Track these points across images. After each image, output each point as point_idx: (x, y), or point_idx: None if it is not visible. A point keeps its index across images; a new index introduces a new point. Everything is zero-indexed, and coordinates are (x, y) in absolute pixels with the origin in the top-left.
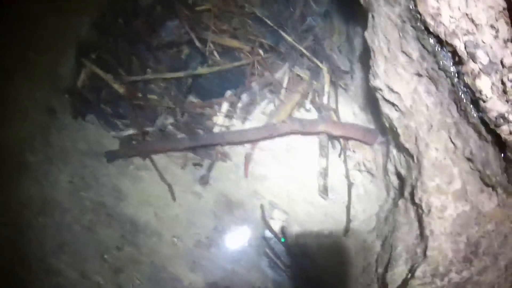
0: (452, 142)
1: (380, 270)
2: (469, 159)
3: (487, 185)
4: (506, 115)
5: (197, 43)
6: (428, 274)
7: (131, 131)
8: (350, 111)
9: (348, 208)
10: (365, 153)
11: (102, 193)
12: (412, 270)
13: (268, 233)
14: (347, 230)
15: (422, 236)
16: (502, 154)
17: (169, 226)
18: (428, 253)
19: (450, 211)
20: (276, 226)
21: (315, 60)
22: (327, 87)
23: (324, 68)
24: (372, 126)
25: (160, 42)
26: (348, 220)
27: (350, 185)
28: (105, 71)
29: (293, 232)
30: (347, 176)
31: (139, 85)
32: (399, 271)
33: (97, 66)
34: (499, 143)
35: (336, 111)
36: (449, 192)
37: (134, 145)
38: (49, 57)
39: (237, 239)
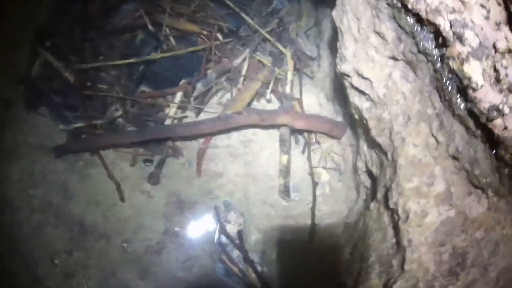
0: (434, 137)
1: (349, 282)
2: (454, 157)
3: (476, 186)
4: (500, 106)
5: (150, 27)
6: None
7: (79, 124)
8: (316, 101)
9: (312, 211)
10: (332, 148)
11: (50, 192)
12: (388, 287)
13: (223, 238)
14: (312, 235)
15: (399, 246)
16: (494, 152)
17: (118, 229)
18: (406, 266)
19: (431, 218)
20: (233, 230)
21: (278, 45)
22: (290, 75)
23: (288, 53)
24: (339, 118)
25: (113, 27)
26: (313, 224)
27: (315, 185)
28: (59, 59)
29: (251, 237)
30: (312, 175)
31: (89, 74)
32: (372, 285)
33: (51, 54)
34: (490, 139)
35: (300, 101)
36: (430, 196)
37: (81, 139)
38: (5, 46)
39: (190, 244)
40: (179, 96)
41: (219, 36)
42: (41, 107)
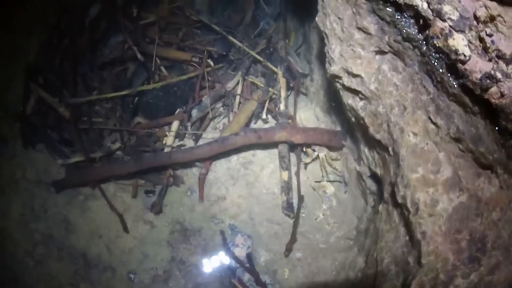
0: (433, 122)
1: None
2: (456, 139)
3: (484, 166)
4: (492, 73)
5: (140, 57)
6: (428, 286)
7: (77, 158)
8: (312, 116)
9: (295, 223)
10: (334, 161)
11: (51, 226)
12: (406, 285)
13: (232, 262)
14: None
15: (413, 241)
16: (496, 127)
17: (123, 260)
18: (423, 260)
19: (443, 205)
20: (241, 253)
21: (269, 65)
22: (283, 93)
23: (279, 72)
24: (338, 128)
25: (103, 60)
26: (294, 237)
27: (300, 198)
28: (52, 94)
29: (260, 258)
30: (298, 188)
31: (83, 108)
32: (389, 287)
33: (44, 90)
34: (490, 112)
35: (293, 118)
36: (438, 183)
37: (80, 172)
38: (0, 83)
39: (198, 271)
40: (175, 124)
41: (210, 62)
42: (38, 143)
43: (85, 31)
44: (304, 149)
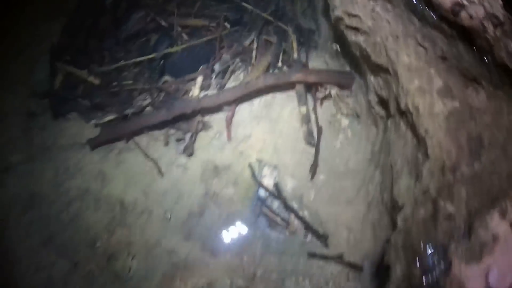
0: (421, 46)
1: (385, 195)
2: (443, 58)
3: (470, 79)
4: (460, 1)
5: (164, 24)
6: (436, 173)
7: (111, 117)
8: (323, 63)
9: (317, 148)
10: (346, 97)
11: (87, 180)
12: (418, 176)
13: (261, 192)
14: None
15: (419, 140)
16: (473, 46)
17: (159, 201)
18: (430, 151)
19: (439, 108)
20: (269, 183)
21: (280, 24)
22: (295, 45)
23: (290, 29)
24: (346, 69)
25: (127, 33)
26: (316, 163)
27: (319, 129)
28: (80, 68)
29: (287, 185)
30: (316, 121)
31: (112, 75)
32: (404, 183)
33: (72, 66)
34: (465, 34)
35: (307, 65)
36: (432, 91)
37: (114, 127)
38: (25, 66)
39: (231, 202)
40: (200, 79)
41: (227, 25)
42: (68, 113)
43: (107, 12)
44: (318, 88)
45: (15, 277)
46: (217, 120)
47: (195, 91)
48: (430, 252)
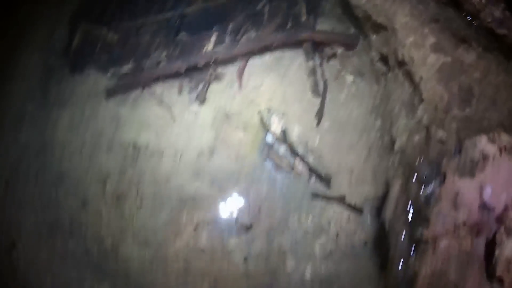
0: (415, 8)
1: (385, 139)
2: (435, 20)
3: (461, 40)
4: None
5: None
6: (430, 110)
7: (128, 67)
8: (329, 26)
9: (323, 96)
10: (351, 57)
11: (102, 125)
12: (413, 114)
13: (269, 138)
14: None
15: (415, 86)
16: (463, 12)
17: (170, 144)
18: (424, 95)
19: (432, 60)
20: (277, 129)
21: None
22: (304, 9)
23: None
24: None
25: None
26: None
27: (325, 82)
28: (98, 28)
29: (294, 132)
30: (323, 74)
31: (131, 32)
32: (402, 123)
33: (90, 25)
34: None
35: (314, 26)
36: (426, 46)
37: (131, 76)
38: (45, 25)
39: (239, 145)
40: (214, 37)
41: None
42: (86, 67)
43: None
44: (325, 48)
45: (20, 219)
46: (229, 72)
47: (209, 46)
48: (425, 167)
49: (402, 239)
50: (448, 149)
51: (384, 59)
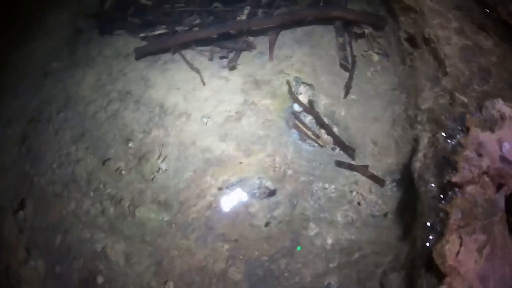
0: None
1: (410, 112)
2: (458, 7)
3: (480, 28)
4: None
5: None
6: (453, 82)
7: (160, 31)
8: (359, 7)
9: (352, 69)
10: (378, 37)
11: (130, 84)
12: (438, 85)
13: (296, 107)
14: (346, 93)
15: (439, 62)
16: (483, 4)
17: (198, 107)
18: (448, 70)
19: (455, 41)
20: (304, 100)
21: None
22: None
23: None
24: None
25: None
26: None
27: (354, 58)
28: None
29: (321, 102)
30: (351, 51)
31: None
32: (427, 94)
33: None
34: None
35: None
36: (450, 28)
37: (162, 39)
38: None
39: (267, 111)
40: (247, 8)
41: None
42: (116, 30)
43: None
44: (354, 27)
45: (33, 175)
46: (260, 42)
47: (242, 17)
48: (450, 122)
49: (432, 185)
50: (469, 110)
51: (411, 38)
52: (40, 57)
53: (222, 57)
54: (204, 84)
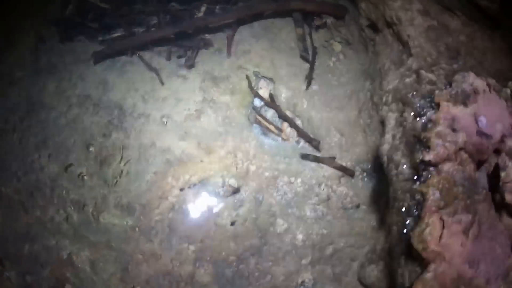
0: None
1: (376, 98)
2: None
3: (446, 8)
4: None
5: None
6: (419, 61)
7: (118, 33)
8: None
9: (313, 59)
10: (339, 27)
11: (89, 88)
12: (402, 66)
13: (257, 102)
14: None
15: (403, 44)
16: None
17: (157, 107)
18: (413, 50)
19: (419, 21)
20: (265, 94)
21: None
22: None
23: None
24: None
25: None
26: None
27: (314, 49)
28: None
29: (282, 95)
30: (312, 42)
31: (122, 1)
32: (391, 77)
33: None
34: None
35: None
36: (413, 9)
37: (119, 40)
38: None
39: (227, 108)
40: (204, 7)
41: None
42: (77, 37)
43: None
44: (314, 18)
45: (1, 182)
46: (218, 39)
47: (199, 15)
48: (418, 99)
49: (404, 167)
50: (438, 87)
51: (373, 25)
52: (4, 67)
53: (179, 56)
54: (162, 84)
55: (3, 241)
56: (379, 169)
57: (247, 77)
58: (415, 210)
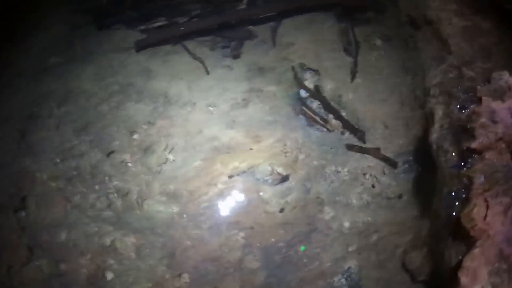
0: None
1: (418, 92)
2: None
3: (477, 10)
4: None
5: None
6: (458, 58)
7: (160, 23)
8: None
9: (356, 53)
10: (380, 22)
11: (131, 76)
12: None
13: (302, 93)
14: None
15: (443, 42)
16: None
17: (203, 95)
18: (452, 49)
19: (455, 21)
20: (310, 85)
21: None
22: None
23: None
24: None
25: None
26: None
27: (357, 43)
28: None
29: (327, 87)
30: (354, 35)
31: None
32: (434, 73)
33: None
34: None
35: None
36: (449, 10)
37: (162, 30)
38: None
39: (274, 98)
40: None
41: None
42: (114, 25)
43: None
44: (354, 12)
45: (34, 171)
46: (262, 30)
47: (242, 7)
48: (462, 93)
49: (452, 154)
50: (478, 83)
51: (413, 21)
52: (37, 53)
53: (223, 47)
54: (208, 73)
55: (36, 228)
56: (422, 160)
57: (293, 68)
58: (462, 194)
